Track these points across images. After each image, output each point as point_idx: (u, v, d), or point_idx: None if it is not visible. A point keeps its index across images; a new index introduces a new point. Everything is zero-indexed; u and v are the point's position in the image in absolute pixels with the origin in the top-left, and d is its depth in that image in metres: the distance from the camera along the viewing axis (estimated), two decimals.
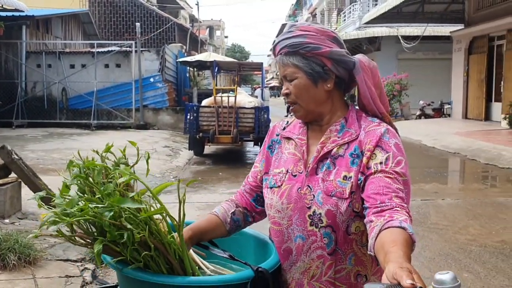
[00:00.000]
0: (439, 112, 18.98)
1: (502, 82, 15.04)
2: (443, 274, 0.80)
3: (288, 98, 1.39)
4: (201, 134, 9.69)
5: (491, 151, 9.93)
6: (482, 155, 9.82)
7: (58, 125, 14.51)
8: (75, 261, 4.01)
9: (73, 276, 3.73)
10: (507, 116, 13.60)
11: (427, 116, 18.82)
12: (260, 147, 1.51)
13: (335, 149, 1.33)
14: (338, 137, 1.34)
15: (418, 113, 19.06)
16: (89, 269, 3.90)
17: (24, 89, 14.96)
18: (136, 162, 1.24)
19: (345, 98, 1.44)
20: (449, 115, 18.45)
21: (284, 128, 1.48)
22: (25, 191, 4.98)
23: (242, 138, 9.87)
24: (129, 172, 1.14)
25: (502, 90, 14.97)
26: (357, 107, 1.42)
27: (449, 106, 18.52)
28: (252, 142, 10.94)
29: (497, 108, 15.39)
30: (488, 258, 4.25)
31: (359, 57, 1.37)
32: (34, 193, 4.63)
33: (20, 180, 4.90)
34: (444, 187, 7.66)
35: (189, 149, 10.42)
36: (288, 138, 1.44)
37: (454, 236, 4.91)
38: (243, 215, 1.48)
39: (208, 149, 10.95)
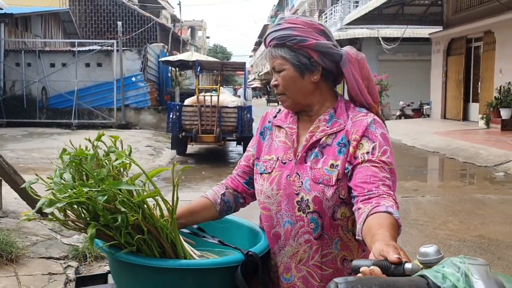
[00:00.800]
0: (419, 112, 19.31)
1: (479, 83, 15.37)
2: (427, 247, 0.84)
3: (277, 89, 1.42)
4: (184, 133, 9.66)
5: (469, 150, 10.15)
6: (460, 154, 10.03)
7: (38, 124, 14.30)
8: (58, 258, 3.98)
9: (56, 274, 3.70)
10: (484, 116, 13.91)
11: (406, 116, 19.12)
12: (243, 146, 1.56)
13: (323, 139, 1.37)
14: (327, 127, 1.38)
15: (398, 113, 19.35)
16: (72, 266, 3.87)
17: (2, 88, 14.71)
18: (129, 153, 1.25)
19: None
20: (428, 115, 18.77)
21: (275, 116, 1.52)
22: (6, 189, 4.91)
23: (225, 138, 9.88)
24: (125, 155, 1.17)
25: (479, 91, 15.30)
26: (346, 98, 1.46)
27: (428, 106, 18.84)
28: (235, 142, 10.97)
29: (474, 108, 15.73)
30: (467, 252, 4.36)
31: (346, 49, 1.40)
32: (15, 191, 4.58)
33: (0, 178, 4.83)
34: (424, 184, 7.81)
35: (171, 149, 10.38)
36: (279, 127, 1.48)
37: (434, 231, 5.02)
38: (234, 196, 1.52)
39: (191, 148, 10.92)
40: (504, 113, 13.03)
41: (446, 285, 0.74)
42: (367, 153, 1.30)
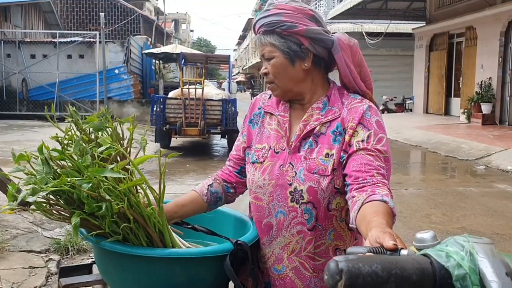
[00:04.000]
0: (401, 107, 19.50)
1: (461, 78, 15.57)
2: (423, 233, 0.82)
3: (267, 77, 1.38)
4: (168, 126, 9.58)
5: (451, 143, 10.29)
6: (442, 148, 10.16)
7: (18, 117, 14.03)
8: (39, 252, 3.91)
9: (38, 267, 3.64)
10: (466, 110, 14.10)
11: (389, 111, 19.29)
12: (227, 139, 1.53)
13: (317, 127, 1.34)
14: (321, 115, 1.34)
15: (381, 108, 19.40)
16: (54, 260, 3.81)
17: None
18: (117, 151, 1.21)
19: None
20: (410, 110, 18.96)
21: (266, 101, 1.47)
22: None
23: (209, 131, 9.82)
24: (110, 141, 1.13)
25: (461, 86, 15.49)
26: (338, 85, 1.42)
27: (411, 101, 19.03)
28: (220, 135, 10.92)
29: (456, 103, 15.93)
30: None
31: (338, 35, 1.36)
32: None
33: None
34: (407, 177, 7.88)
35: (155, 142, 10.28)
36: (271, 114, 1.44)
37: (417, 223, 5.08)
38: (223, 186, 1.49)
39: (175, 141, 10.83)
40: (485, 108, 13.23)
41: (450, 264, 0.71)
42: (362, 141, 1.27)
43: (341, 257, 0.70)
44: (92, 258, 3.79)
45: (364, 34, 20.54)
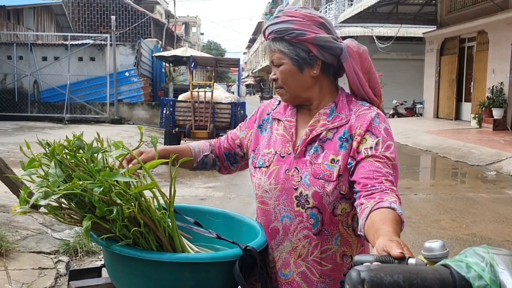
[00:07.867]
0: (412, 111, 19.41)
1: (472, 83, 15.46)
2: (432, 242, 0.82)
3: (276, 83, 1.39)
4: (177, 129, 9.64)
5: (461, 149, 10.20)
6: (452, 153, 10.08)
7: (29, 118, 14.17)
8: (49, 253, 3.94)
9: (47, 268, 3.67)
10: (477, 115, 13.99)
11: (400, 115, 19.21)
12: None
13: (324, 133, 1.34)
14: (328, 121, 1.35)
15: (391, 112, 19.43)
16: (63, 261, 3.84)
17: None
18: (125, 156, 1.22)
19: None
20: (421, 114, 18.86)
21: (275, 108, 1.49)
22: None
23: (218, 134, 9.85)
24: (122, 145, 1.14)
25: (472, 91, 15.38)
26: (347, 92, 1.43)
27: (421, 105, 18.94)
28: None
29: (467, 108, 15.82)
30: (459, 250, 4.34)
31: (347, 42, 1.37)
32: (6, 185, 4.51)
33: None
34: (417, 182, 7.83)
35: (164, 144, 10.33)
36: (278, 120, 1.45)
37: (426, 229, 5.04)
38: (213, 161, 1.57)
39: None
40: (496, 113, 13.11)
41: (470, 275, 0.72)
42: (371, 148, 1.28)
43: (363, 267, 0.71)
44: (101, 260, 3.81)
45: (374, 38, 20.49)
